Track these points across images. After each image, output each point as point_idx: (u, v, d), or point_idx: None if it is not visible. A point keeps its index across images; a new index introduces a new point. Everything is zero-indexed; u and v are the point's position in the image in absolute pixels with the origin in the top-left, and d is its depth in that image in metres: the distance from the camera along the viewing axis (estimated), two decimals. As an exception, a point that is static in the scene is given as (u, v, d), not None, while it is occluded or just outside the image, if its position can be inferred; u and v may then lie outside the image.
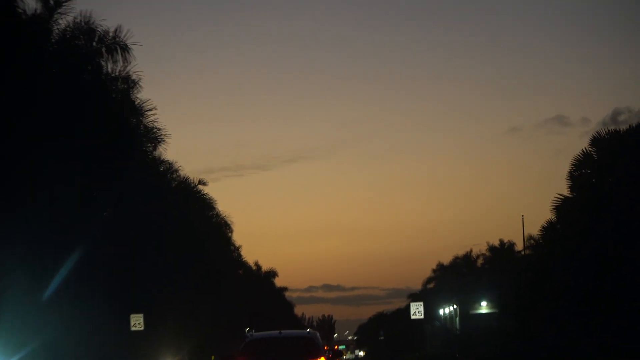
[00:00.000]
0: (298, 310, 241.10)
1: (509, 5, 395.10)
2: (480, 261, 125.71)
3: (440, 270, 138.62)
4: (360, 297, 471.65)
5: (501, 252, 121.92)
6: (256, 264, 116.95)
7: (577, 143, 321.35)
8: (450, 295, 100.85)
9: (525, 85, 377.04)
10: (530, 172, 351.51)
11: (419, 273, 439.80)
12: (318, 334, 25.95)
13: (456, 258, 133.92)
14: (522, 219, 76.87)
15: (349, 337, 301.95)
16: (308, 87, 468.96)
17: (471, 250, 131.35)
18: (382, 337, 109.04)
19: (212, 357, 71.32)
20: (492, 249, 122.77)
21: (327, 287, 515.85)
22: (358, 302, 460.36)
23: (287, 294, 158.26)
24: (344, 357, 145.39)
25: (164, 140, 48.25)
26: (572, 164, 46.02)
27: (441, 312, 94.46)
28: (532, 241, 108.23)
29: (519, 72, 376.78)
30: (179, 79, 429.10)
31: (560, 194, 46.99)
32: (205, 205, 65.91)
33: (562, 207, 46.49)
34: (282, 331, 25.46)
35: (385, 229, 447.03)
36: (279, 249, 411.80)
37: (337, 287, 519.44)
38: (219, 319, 69.42)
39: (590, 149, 45.51)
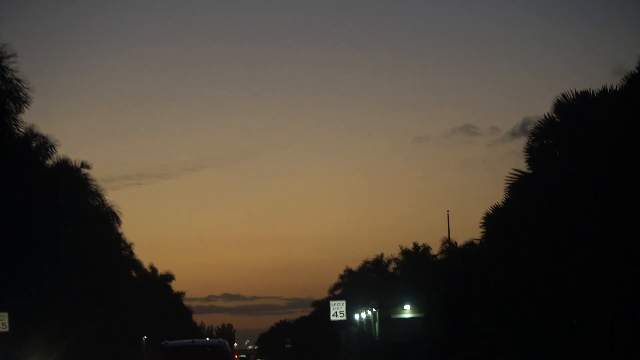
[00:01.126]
0: (197, 318, 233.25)
1: (415, 16, 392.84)
2: (392, 266, 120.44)
3: (349, 276, 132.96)
4: (261, 306, 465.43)
5: (416, 255, 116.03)
6: (151, 266, 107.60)
7: (485, 152, 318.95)
8: (365, 299, 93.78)
9: (434, 96, 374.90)
10: (437, 182, 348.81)
11: (322, 283, 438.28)
12: (227, 343, 28.03)
13: (366, 263, 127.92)
14: (448, 214, 68.78)
15: (250, 347, 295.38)
16: (211, 97, 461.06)
17: (382, 255, 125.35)
18: (289, 345, 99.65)
19: None
20: (405, 252, 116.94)
21: (227, 297, 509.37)
22: (259, 312, 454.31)
23: (186, 302, 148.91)
24: None
25: (27, 101, 38.30)
26: (532, 133, 37.93)
27: (356, 317, 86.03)
28: (449, 245, 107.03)
29: (428, 83, 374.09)
30: (79, 87, 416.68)
31: (516, 170, 38.94)
32: (88, 192, 56.11)
33: (519, 184, 38.29)
34: (195, 340, 28.51)
35: (287, 239, 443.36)
36: (179, 257, 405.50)
37: (238, 297, 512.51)
38: (105, 324, 59.93)
39: (553, 115, 37.33)
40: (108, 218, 57.73)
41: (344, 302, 48.03)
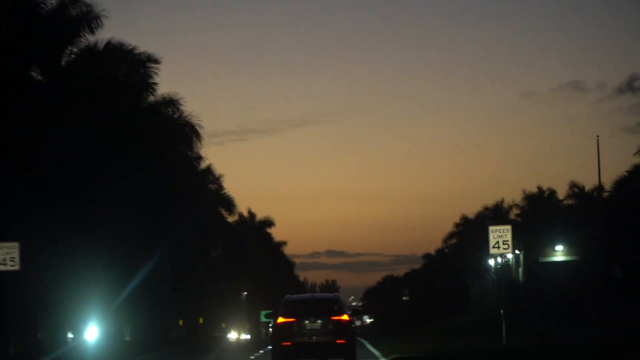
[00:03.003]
0: (300, 274, 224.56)
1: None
2: (514, 212, 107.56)
3: (465, 224, 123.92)
4: (363, 263, 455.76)
5: (540, 200, 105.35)
6: (249, 211, 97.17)
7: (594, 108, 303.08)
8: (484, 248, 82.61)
9: (541, 50, 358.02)
10: (545, 138, 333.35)
11: (426, 239, 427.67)
12: (342, 296, 31.88)
13: (485, 209, 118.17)
14: (597, 139, 56.17)
15: (354, 304, 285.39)
16: (317, 49, 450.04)
17: (502, 201, 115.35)
18: (406, 297, 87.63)
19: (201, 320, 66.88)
20: (529, 197, 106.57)
21: (331, 253, 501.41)
22: (362, 269, 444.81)
23: (289, 257, 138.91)
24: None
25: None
26: None
27: (491, 262, 74.27)
28: (576, 189, 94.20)
29: (535, 36, 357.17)
30: (187, 40, 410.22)
31: None
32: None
33: None
34: (314, 294, 36.22)
35: (390, 196, 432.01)
36: (283, 213, 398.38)
37: (341, 253, 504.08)
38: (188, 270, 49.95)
39: None
40: (184, 130, 45.85)
41: (509, 227, 36.07)
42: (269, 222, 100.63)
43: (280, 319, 29.41)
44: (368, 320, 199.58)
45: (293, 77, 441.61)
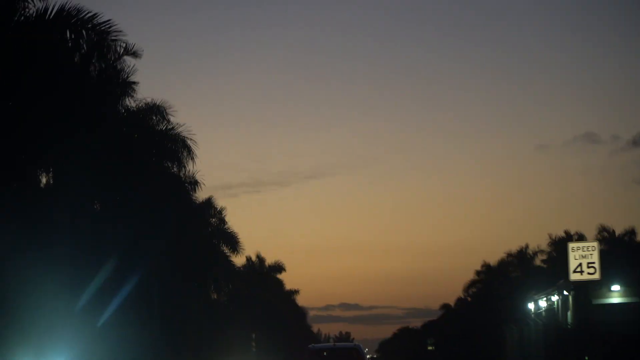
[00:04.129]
0: (314, 327, 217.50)
1: (535, 20, 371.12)
2: (540, 258, 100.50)
3: (487, 272, 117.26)
4: (378, 316, 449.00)
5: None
6: (258, 255, 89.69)
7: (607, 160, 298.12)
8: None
9: (554, 101, 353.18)
10: (556, 188, 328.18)
11: (440, 292, 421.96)
12: (362, 346, 33.13)
13: (508, 255, 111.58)
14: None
15: (368, 356, 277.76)
16: (330, 102, 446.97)
17: (527, 246, 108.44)
18: (431, 347, 79.66)
19: None
20: (555, 242, 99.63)
21: (345, 306, 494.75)
22: (376, 322, 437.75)
23: (304, 309, 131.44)
24: None
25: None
26: None
27: (530, 306, 66.83)
28: (606, 233, 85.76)
29: (547, 89, 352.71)
30: (199, 89, 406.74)
31: None
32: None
33: None
34: (336, 344, 38.25)
35: (404, 248, 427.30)
36: (297, 266, 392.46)
37: (355, 306, 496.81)
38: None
39: None
40: (175, 146, 38.34)
41: (595, 245, 29.16)
42: (279, 267, 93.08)
43: None
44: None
45: (306, 129, 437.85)
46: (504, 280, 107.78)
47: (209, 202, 54.21)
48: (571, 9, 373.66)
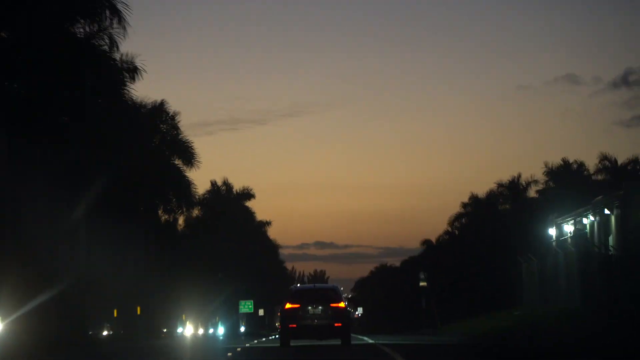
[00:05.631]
0: (288, 265, 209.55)
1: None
2: (535, 188, 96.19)
3: (474, 204, 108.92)
4: (353, 254, 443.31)
5: (565, 174, 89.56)
6: (225, 181, 79.24)
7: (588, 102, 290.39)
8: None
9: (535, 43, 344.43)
10: (539, 130, 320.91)
11: (415, 231, 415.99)
12: (339, 287, 37.91)
13: (499, 185, 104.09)
14: None
15: (343, 295, 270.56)
16: (307, 40, 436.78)
17: (519, 176, 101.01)
18: (423, 283, 69.69)
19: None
20: (552, 172, 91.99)
21: (320, 245, 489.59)
22: (351, 260, 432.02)
23: (276, 242, 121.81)
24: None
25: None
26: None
27: (551, 232, 57.27)
28: (607, 162, 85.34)
29: (529, 30, 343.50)
30: (178, 30, 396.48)
31: None
32: None
33: None
34: (315, 284, 39.37)
35: (380, 187, 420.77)
36: (272, 203, 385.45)
37: (331, 245, 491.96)
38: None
39: None
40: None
41: None
42: (248, 194, 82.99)
43: (288, 305, 34.25)
44: (358, 313, 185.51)
45: (284, 67, 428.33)
46: (492, 215, 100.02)
47: (160, 108, 44.25)
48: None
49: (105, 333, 46.38)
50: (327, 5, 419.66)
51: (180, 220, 64.53)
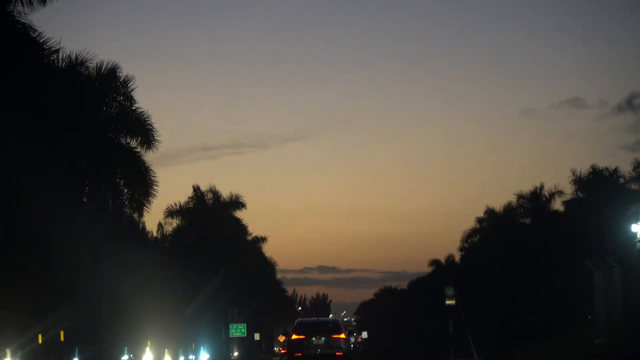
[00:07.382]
0: (290, 289, 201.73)
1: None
2: (560, 200, 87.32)
3: (491, 219, 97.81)
4: (355, 279, 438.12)
5: (596, 182, 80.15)
6: (212, 189, 68.74)
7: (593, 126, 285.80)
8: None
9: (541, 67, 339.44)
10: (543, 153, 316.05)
11: (417, 256, 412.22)
12: (340, 319, 45.51)
13: (519, 197, 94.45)
14: None
15: (346, 319, 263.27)
16: (309, 64, 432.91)
17: (542, 187, 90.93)
18: (451, 301, 58.63)
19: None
20: (579, 180, 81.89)
21: (322, 269, 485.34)
22: (354, 285, 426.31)
23: (281, 274, 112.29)
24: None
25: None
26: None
27: (635, 228, 46.46)
28: None
29: (535, 53, 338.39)
30: (179, 51, 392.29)
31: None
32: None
33: None
34: (319, 318, 44.50)
35: (382, 212, 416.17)
36: (275, 228, 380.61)
37: (333, 269, 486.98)
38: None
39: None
40: None
41: None
42: (237, 202, 72.61)
43: (294, 336, 38.76)
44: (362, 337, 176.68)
45: (287, 91, 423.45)
46: (510, 230, 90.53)
47: (112, 74, 34.45)
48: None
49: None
50: (329, 32, 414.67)
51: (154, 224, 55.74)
